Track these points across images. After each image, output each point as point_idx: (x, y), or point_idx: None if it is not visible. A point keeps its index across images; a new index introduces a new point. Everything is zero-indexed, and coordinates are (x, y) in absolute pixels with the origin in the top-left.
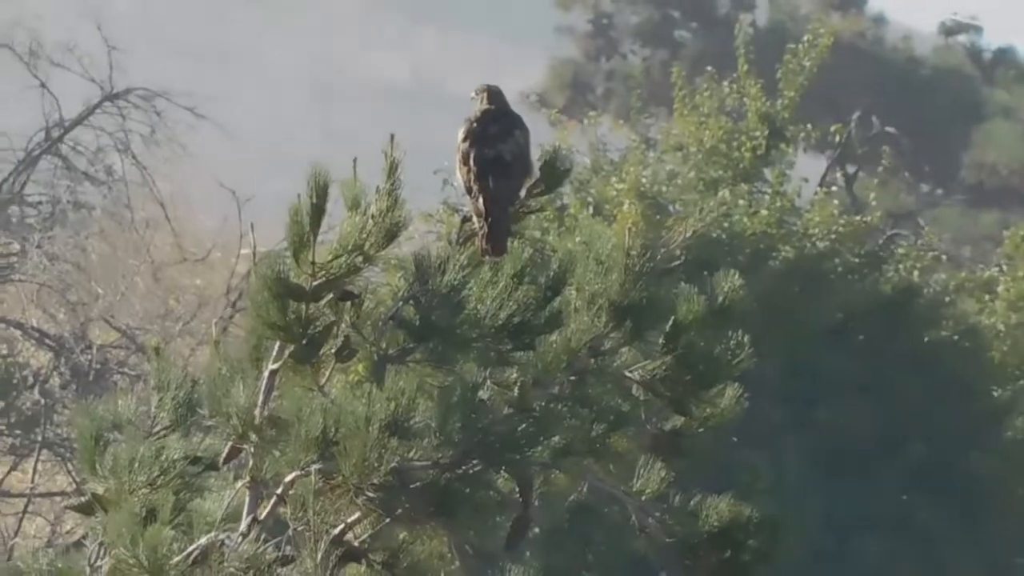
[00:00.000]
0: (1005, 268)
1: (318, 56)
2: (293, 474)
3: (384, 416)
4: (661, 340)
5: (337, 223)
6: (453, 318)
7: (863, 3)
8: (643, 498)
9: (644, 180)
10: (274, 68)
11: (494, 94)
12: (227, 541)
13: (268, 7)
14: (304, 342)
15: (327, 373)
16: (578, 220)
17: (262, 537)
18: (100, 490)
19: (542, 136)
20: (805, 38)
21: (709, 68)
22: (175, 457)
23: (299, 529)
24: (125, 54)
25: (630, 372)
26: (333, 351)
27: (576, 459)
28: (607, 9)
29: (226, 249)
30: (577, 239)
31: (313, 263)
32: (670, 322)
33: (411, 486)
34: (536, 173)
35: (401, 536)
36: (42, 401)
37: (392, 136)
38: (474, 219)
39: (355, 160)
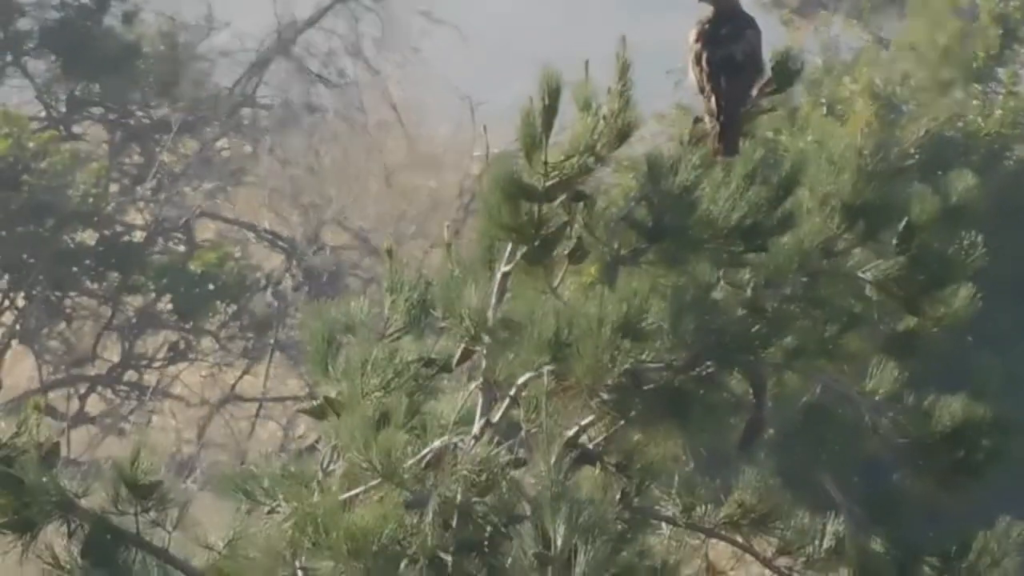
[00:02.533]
0: None
1: None
2: (526, 376)
3: (617, 317)
4: (894, 240)
5: (569, 124)
6: (685, 219)
7: None
8: (876, 398)
9: (877, 80)
10: None
11: None
12: (460, 444)
13: None
14: (536, 243)
15: (559, 274)
16: (810, 120)
17: (495, 439)
18: (332, 393)
19: (774, 37)
20: None
21: None
22: (408, 359)
23: (532, 431)
24: None
25: (863, 273)
26: (566, 252)
27: (809, 360)
28: None
29: (459, 152)
30: (809, 139)
31: (546, 163)
32: (903, 222)
33: (644, 388)
34: (768, 73)
35: (635, 438)
36: (274, 303)
37: (623, 37)
38: (706, 119)
39: (587, 62)
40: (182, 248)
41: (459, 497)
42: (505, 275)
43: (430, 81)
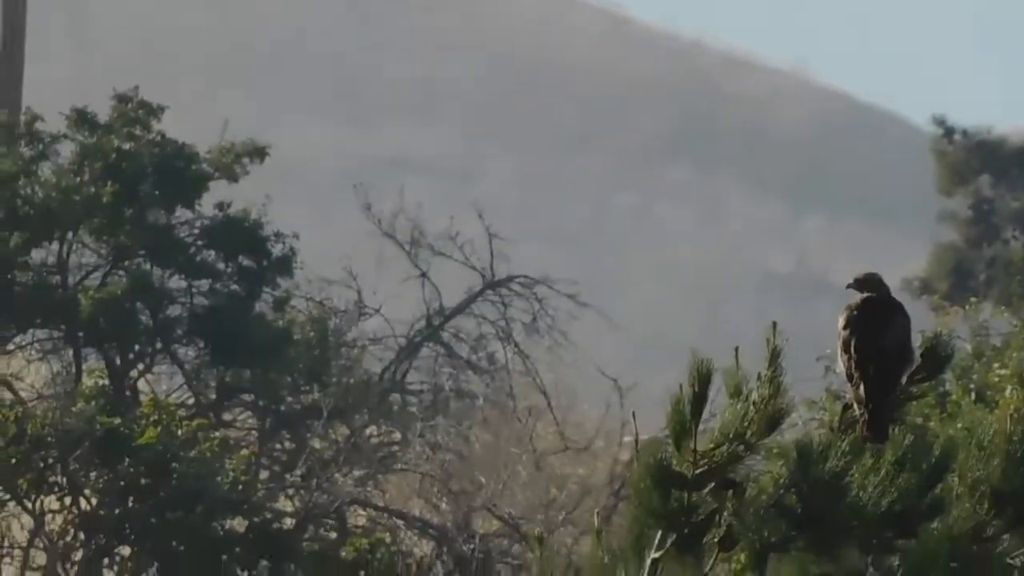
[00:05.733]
0: None
1: (701, 244)
2: None
3: None
4: None
5: (718, 411)
6: (835, 505)
7: None
8: None
9: None
10: (656, 256)
11: (874, 283)
12: None
13: (650, 195)
14: (686, 531)
15: (710, 562)
16: (960, 406)
17: None
18: None
19: (923, 322)
20: None
21: None
22: None
23: None
24: (506, 241)
25: (1012, 558)
26: (716, 540)
27: None
28: (988, 195)
29: (608, 438)
30: (959, 425)
31: (695, 452)
32: None
33: None
34: (917, 360)
35: None
36: None
37: (774, 324)
38: (855, 406)
39: (737, 349)
40: (333, 535)
41: None
42: (655, 562)
43: (579, 365)
